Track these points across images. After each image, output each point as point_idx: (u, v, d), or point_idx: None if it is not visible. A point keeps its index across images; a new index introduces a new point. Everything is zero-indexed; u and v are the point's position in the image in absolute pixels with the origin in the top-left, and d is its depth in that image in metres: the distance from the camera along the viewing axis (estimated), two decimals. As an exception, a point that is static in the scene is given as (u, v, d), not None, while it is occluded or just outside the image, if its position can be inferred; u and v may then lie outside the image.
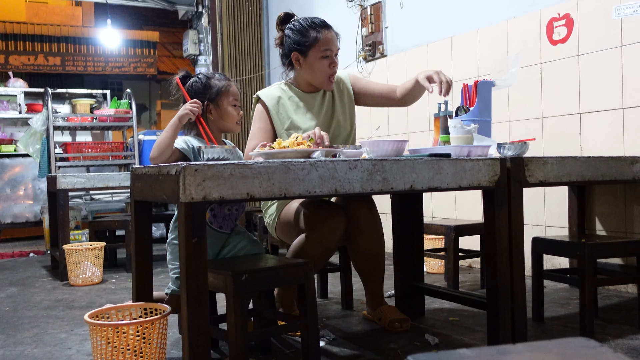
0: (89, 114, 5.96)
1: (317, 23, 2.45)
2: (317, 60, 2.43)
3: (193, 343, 1.54)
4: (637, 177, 2.31)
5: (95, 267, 3.70)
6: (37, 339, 2.46)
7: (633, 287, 2.92)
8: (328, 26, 2.46)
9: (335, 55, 2.47)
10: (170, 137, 2.14)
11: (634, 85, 2.88)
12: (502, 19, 3.58)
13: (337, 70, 2.52)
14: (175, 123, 2.15)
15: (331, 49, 2.43)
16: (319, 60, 2.43)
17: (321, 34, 2.42)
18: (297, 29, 2.45)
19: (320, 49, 2.42)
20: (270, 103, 2.50)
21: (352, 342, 2.26)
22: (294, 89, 2.55)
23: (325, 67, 2.44)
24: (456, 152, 1.99)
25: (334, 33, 2.47)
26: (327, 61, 2.43)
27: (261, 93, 2.55)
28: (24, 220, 6.33)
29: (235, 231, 2.25)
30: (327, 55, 2.43)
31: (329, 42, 2.43)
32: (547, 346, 0.74)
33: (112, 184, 4.08)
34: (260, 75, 6.52)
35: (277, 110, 2.50)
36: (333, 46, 2.44)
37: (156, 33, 10.58)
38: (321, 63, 2.43)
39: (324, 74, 2.45)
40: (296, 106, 2.52)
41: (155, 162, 2.12)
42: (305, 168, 1.63)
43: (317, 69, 2.44)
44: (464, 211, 3.89)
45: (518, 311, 2.01)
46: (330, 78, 2.47)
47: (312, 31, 2.42)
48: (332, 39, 2.44)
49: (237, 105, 2.33)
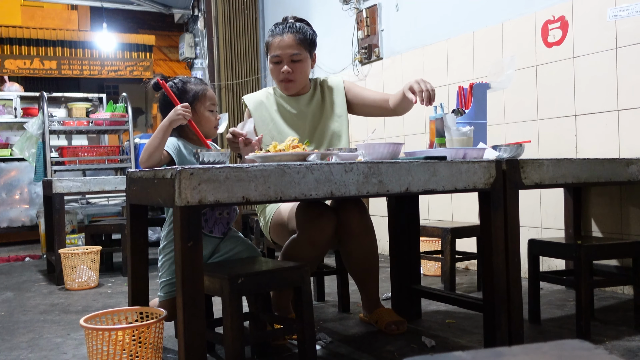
0: (84, 117, 5.95)
1: (274, 29, 2.49)
2: (270, 65, 2.51)
3: (189, 347, 1.54)
4: (633, 179, 2.31)
5: (91, 271, 3.69)
6: (32, 343, 2.45)
7: (629, 288, 2.92)
8: (283, 31, 2.46)
9: (293, 62, 2.46)
10: (160, 141, 2.13)
11: (628, 87, 2.89)
12: (497, 22, 3.59)
13: (298, 77, 2.49)
14: (166, 126, 2.14)
15: (279, 55, 2.45)
16: (272, 66, 2.50)
17: (273, 38, 2.47)
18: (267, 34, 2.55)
19: (270, 54, 2.49)
20: (252, 106, 2.58)
21: (349, 345, 2.26)
22: (278, 92, 2.60)
23: (277, 73, 2.49)
24: (452, 154, 2.00)
25: (290, 38, 2.44)
26: (278, 67, 2.47)
27: (246, 97, 2.62)
28: (19, 225, 6.31)
29: (229, 235, 2.24)
30: (277, 62, 2.47)
31: (276, 47, 2.45)
32: (543, 348, 0.74)
33: (108, 188, 4.07)
34: (256, 79, 6.52)
35: (259, 113, 2.56)
36: (282, 52, 2.44)
37: (152, 36, 10.57)
38: (272, 68, 2.50)
39: (276, 78, 2.51)
40: (279, 109, 2.57)
41: (144, 166, 2.12)
42: (301, 171, 1.63)
43: (271, 73, 2.53)
44: (460, 213, 3.89)
45: (514, 313, 2.01)
46: (283, 82, 2.49)
47: (269, 37, 2.50)
48: (279, 44, 2.44)
49: (214, 111, 2.32)
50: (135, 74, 10.31)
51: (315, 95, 2.60)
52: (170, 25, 7.71)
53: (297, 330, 1.91)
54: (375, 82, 4.66)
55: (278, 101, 2.57)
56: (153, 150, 2.11)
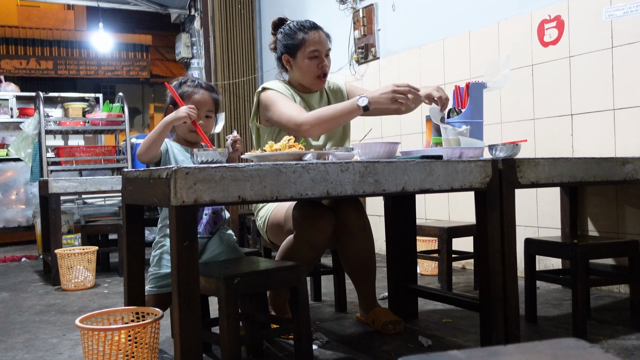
0: (81, 117, 5.94)
1: (306, 25, 2.48)
2: (304, 61, 2.46)
3: (185, 347, 1.54)
4: (629, 178, 2.32)
5: (87, 271, 3.68)
6: (28, 344, 2.44)
7: (625, 287, 2.92)
8: (317, 27, 2.48)
9: (326, 56, 2.49)
10: (158, 136, 2.13)
11: (624, 86, 2.90)
12: (493, 21, 3.59)
13: (329, 71, 2.52)
14: (167, 123, 2.13)
15: (319, 50, 2.45)
16: (307, 61, 2.45)
17: (308, 35, 2.45)
18: (286, 32, 2.50)
19: (307, 49, 2.44)
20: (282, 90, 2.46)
21: (345, 345, 2.26)
22: (292, 88, 2.57)
23: (314, 68, 2.46)
24: (448, 153, 1.99)
25: (324, 34, 2.49)
26: (316, 61, 2.45)
27: (268, 84, 2.51)
28: (16, 225, 6.29)
29: (218, 234, 2.24)
30: (315, 56, 2.45)
31: (316, 42, 2.44)
32: (538, 347, 0.74)
33: (104, 188, 4.07)
34: (253, 78, 6.52)
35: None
36: (321, 47, 2.46)
37: (149, 36, 10.56)
38: (309, 64, 2.45)
39: (312, 74, 2.47)
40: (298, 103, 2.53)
41: (141, 159, 2.15)
42: (297, 170, 1.62)
43: (306, 69, 2.46)
44: (457, 213, 3.90)
45: (511, 312, 2.01)
46: (319, 78, 2.48)
47: (299, 33, 2.46)
48: (319, 39, 2.46)
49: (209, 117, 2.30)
50: (132, 74, 10.31)
51: (323, 95, 2.62)
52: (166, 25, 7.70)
53: (293, 330, 1.91)
54: (372, 81, 4.66)
55: (294, 97, 2.53)
56: (151, 143, 2.13)
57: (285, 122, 2.32)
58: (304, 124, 2.24)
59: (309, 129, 2.24)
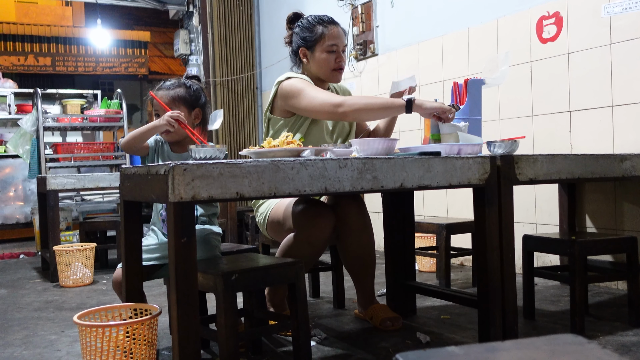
0: (79, 114, 5.93)
1: (325, 19, 2.50)
2: (323, 54, 2.47)
3: (183, 343, 1.54)
4: (627, 175, 2.32)
5: (86, 268, 3.68)
6: (27, 340, 2.44)
7: (623, 283, 2.93)
8: (335, 22, 2.51)
9: (343, 52, 2.51)
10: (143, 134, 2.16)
11: (623, 83, 2.89)
12: (492, 18, 3.59)
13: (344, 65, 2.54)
14: (151, 127, 2.15)
15: (337, 44, 2.47)
16: (325, 55, 2.47)
17: (327, 29, 2.47)
18: (305, 25, 2.51)
19: (325, 43, 2.46)
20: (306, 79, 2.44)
21: (344, 341, 2.26)
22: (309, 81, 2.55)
23: (331, 61, 2.47)
24: (446, 150, 1.99)
25: (341, 29, 2.51)
26: (333, 55, 2.47)
27: (289, 74, 2.49)
28: (14, 222, 6.29)
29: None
30: (333, 50, 2.47)
31: (334, 37, 2.47)
32: (536, 343, 0.74)
33: (102, 185, 4.06)
34: (252, 75, 6.51)
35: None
36: (339, 41, 2.48)
37: (147, 33, 10.53)
38: (327, 57, 2.47)
39: (329, 67, 2.48)
40: None
41: (123, 147, 2.20)
42: (295, 167, 1.62)
43: (323, 62, 2.47)
44: (455, 209, 3.90)
45: (509, 309, 2.01)
46: (336, 71, 2.49)
47: (318, 26, 2.47)
48: (338, 34, 2.48)
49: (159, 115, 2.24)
50: (130, 70, 10.28)
51: (336, 89, 2.66)
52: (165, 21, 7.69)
53: (291, 326, 1.91)
54: (371, 78, 4.66)
55: None
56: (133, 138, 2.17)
57: (318, 104, 2.29)
58: (343, 104, 2.23)
59: (347, 110, 2.23)
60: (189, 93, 2.29)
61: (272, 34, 6.28)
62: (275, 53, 6.16)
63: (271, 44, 6.32)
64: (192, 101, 2.30)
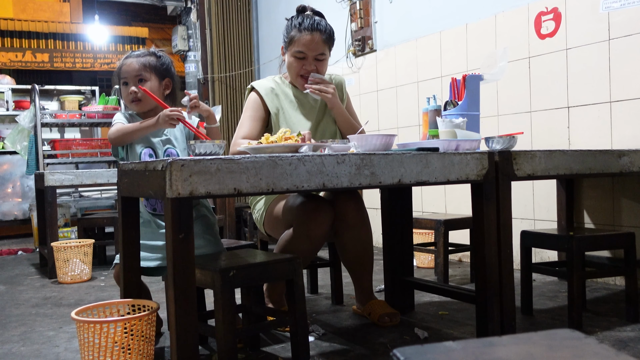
0: (77, 110, 5.91)
1: (303, 25, 2.44)
2: (291, 58, 2.47)
3: (181, 339, 1.54)
4: (625, 170, 2.32)
5: (84, 264, 3.68)
6: (24, 337, 2.44)
7: (621, 279, 2.93)
8: (313, 29, 2.42)
9: (316, 60, 2.45)
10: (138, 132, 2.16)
11: (621, 78, 2.89)
12: (490, 14, 3.58)
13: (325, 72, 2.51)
14: (151, 125, 2.13)
15: (304, 52, 2.43)
16: (292, 59, 2.47)
17: (300, 34, 2.42)
18: (287, 25, 2.51)
19: (294, 49, 2.44)
20: (264, 92, 2.51)
21: (342, 337, 2.26)
22: (286, 82, 2.57)
23: (297, 68, 2.46)
24: (444, 146, 1.99)
25: (321, 38, 2.43)
26: (301, 62, 2.45)
27: (255, 83, 2.57)
28: (12, 218, 6.28)
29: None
30: (300, 57, 2.44)
31: (303, 44, 2.41)
32: (533, 338, 0.74)
33: (100, 181, 4.06)
34: (250, 71, 6.50)
35: (270, 99, 2.51)
36: (308, 50, 2.42)
37: (145, 29, 10.50)
38: (293, 62, 2.47)
39: (294, 72, 2.48)
40: (287, 99, 2.54)
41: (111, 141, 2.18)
42: (293, 163, 1.62)
43: (289, 66, 2.49)
44: (453, 205, 3.90)
45: (507, 304, 2.01)
46: (301, 77, 2.47)
47: (293, 30, 2.45)
48: (310, 42, 2.41)
49: (127, 84, 2.27)
50: (128, 66, 10.24)
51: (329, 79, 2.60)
52: (163, 17, 7.67)
53: (290, 322, 1.91)
54: (369, 74, 4.65)
55: (286, 91, 2.54)
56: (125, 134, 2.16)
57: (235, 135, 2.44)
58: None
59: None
60: (159, 62, 2.31)
61: (271, 30, 6.26)
62: (273, 49, 6.15)
63: (269, 40, 6.31)
64: (163, 70, 2.31)
